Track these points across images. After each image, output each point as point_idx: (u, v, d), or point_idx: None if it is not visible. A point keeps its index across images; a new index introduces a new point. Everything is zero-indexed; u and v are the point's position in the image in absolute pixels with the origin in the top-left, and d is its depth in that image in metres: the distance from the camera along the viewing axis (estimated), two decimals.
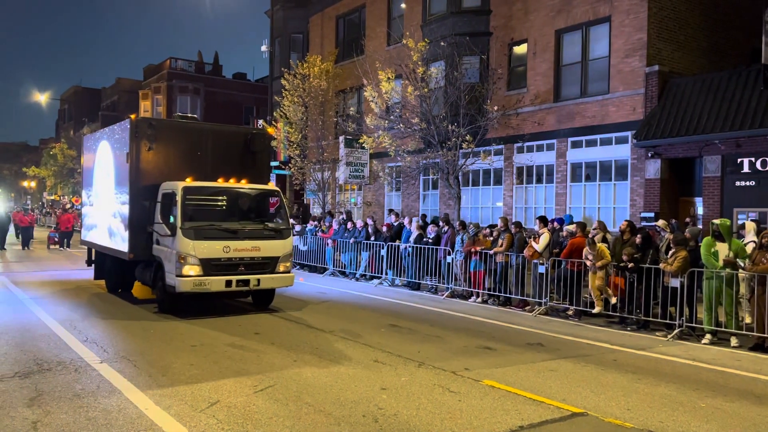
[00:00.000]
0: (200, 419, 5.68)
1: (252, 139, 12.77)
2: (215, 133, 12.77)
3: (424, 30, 21.89)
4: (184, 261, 10.61)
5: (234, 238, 10.96)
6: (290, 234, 12.01)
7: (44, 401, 6.09)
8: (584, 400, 6.55)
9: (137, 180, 11.85)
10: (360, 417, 5.83)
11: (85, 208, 16.02)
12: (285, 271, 11.57)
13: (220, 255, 10.81)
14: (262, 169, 13.24)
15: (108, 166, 13.54)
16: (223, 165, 12.31)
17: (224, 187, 11.67)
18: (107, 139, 13.76)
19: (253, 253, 11.11)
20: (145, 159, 11.88)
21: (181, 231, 10.70)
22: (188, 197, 11.06)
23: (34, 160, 68.63)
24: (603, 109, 17.69)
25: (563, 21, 18.77)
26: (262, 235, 11.37)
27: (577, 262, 11.65)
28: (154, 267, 11.61)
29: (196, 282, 10.59)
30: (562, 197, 18.72)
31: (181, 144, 12.24)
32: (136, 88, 54.12)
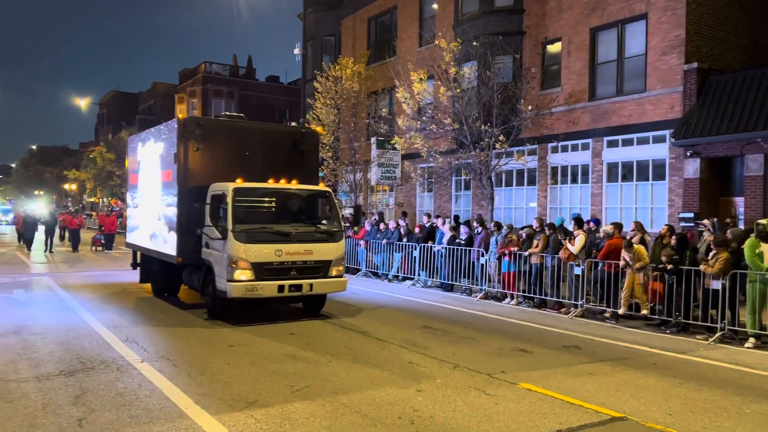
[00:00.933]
0: (239, 418, 5.76)
1: (301, 138, 12.41)
2: (264, 132, 12.38)
3: (457, 30, 21.80)
4: (235, 265, 10.23)
5: (286, 241, 10.56)
6: (343, 236, 11.49)
7: (88, 399, 6.24)
8: (623, 404, 6.45)
9: (185, 181, 11.53)
10: (396, 418, 5.84)
11: (130, 210, 15.73)
12: (338, 275, 11.14)
13: (272, 259, 10.41)
14: (311, 169, 12.78)
15: (154, 168, 13.23)
16: (271, 165, 11.92)
17: (275, 188, 11.25)
18: (153, 139, 13.46)
19: (306, 256, 10.69)
20: (193, 159, 11.54)
21: (233, 234, 10.30)
22: (239, 199, 10.66)
23: (75, 163, 70.41)
24: (640, 107, 17.38)
25: (598, 19, 18.50)
26: (315, 237, 10.98)
27: (615, 264, 11.47)
28: (203, 271, 11.28)
29: (248, 287, 10.21)
30: (598, 197, 18.45)
31: (230, 144, 11.87)
32: (172, 92, 55.14)
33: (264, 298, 10.52)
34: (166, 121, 12.87)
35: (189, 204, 11.38)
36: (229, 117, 12.94)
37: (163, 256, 12.40)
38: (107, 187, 54.29)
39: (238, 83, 49.26)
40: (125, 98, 70.19)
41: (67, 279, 16.79)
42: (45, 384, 6.75)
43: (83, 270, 19.35)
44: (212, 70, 49.94)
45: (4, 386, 6.65)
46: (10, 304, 12.36)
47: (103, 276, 17.62)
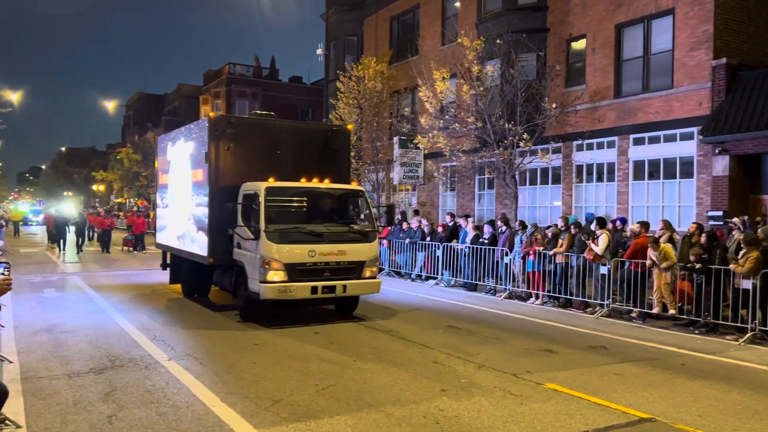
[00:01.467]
0: (264, 417, 5.81)
1: (332, 136, 12.18)
2: (295, 130, 12.17)
3: (479, 28, 21.70)
4: (268, 266, 10.00)
5: (319, 241, 10.35)
6: (376, 236, 11.24)
7: (118, 396, 6.35)
8: (652, 405, 6.36)
9: (216, 181, 11.35)
10: (421, 418, 5.84)
11: (160, 210, 15.58)
12: (371, 276, 10.86)
13: (306, 260, 10.19)
14: (343, 167, 12.49)
15: (184, 167, 13.05)
16: (302, 164, 11.72)
17: (308, 188, 11.06)
18: (183, 138, 13.28)
19: (339, 257, 10.45)
20: (224, 159, 11.36)
21: (265, 234, 10.08)
22: (271, 198, 10.46)
23: (102, 164, 71.58)
24: (667, 104, 17.11)
25: (624, 15, 18.26)
26: (348, 238, 10.73)
27: (641, 263, 11.32)
28: (235, 272, 11.10)
29: (281, 288, 10.00)
30: (624, 196, 18.21)
31: (261, 142, 11.64)
32: (197, 94, 55.77)
33: (297, 300, 10.34)
34: (196, 120, 12.71)
35: (220, 204, 11.20)
36: (260, 115, 12.75)
37: (194, 256, 12.25)
38: (134, 188, 55.07)
39: (262, 84, 49.62)
40: (151, 100, 71.17)
41: (97, 279, 17.01)
42: (76, 381, 6.88)
43: (112, 270, 19.62)
44: (236, 71, 50.38)
45: (36, 383, 6.79)
46: (42, 303, 12.61)
47: (133, 276, 17.84)
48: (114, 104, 47.73)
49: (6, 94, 23.76)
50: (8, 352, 8.03)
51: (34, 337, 9.18)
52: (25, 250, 27.86)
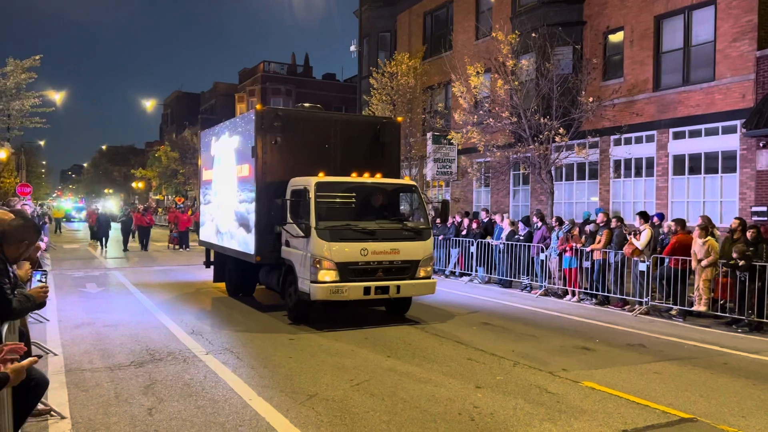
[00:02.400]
0: (300, 411, 5.86)
1: (382, 128, 11.70)
2: (344, 123, 11.69)
3: (514, 22, 21.45)
4: (319, 265, 9.54)
5: (371, 239, 9.84)
6: (431, 234, 10.69)
7: (157, 389, 6.48)
8: (693, 405, 6.22)
9: (263, 176, 10.93)
10: (456, 415, 5.81)
11: (204, 207, 15.12)
12: (425, 276, 10.32)
13: (358, 259, 9.69)
14: (392, 161, 12.02)
15: (229, 162, 12.63)
16: (351, 158, 11.24)
17: (360, 182, 10.53)
18: (228, 133, 12.86)
19: (392, 256, 9.93)
20: (271, 153, 10.94)
21: (316, 231, 9.64)
22: (321, 194, 10.00)
23: (141, 162, 73.11)
24: (708, 97, 16.67)
25: (663, 6, 17.83)
26: (402, 236, 10.21)
27: (682, 260, 11.06)
28: (283, 271, 10.68)
29: (333, 289, 9.50)
30: (663, 191, 17.81)
31: (309, 136, 11.19)
32: (232, 92, 56.52)
33: (348, 301, 9.95)
34: (234, 117, 12.30)
35: (267, 200, 10.77)
36: (307, 108, 12.39)
37: (240, 254, 11.87)
38: (172, 185, 56.10)
39: (296, 81, 50.03)
40: (188, 98, 72.40)
41: (138, 275, 17.16)
42: (117, 374, 7.05)
43: (153, 265, 19.85)
44: (271, 69, 50.90)
45: (80, 375, 6.98)
46: (84, 297, 12.96)
47: (174, 273, 18.08)
48: (153, 103, 48.64)
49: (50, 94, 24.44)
50: (53, 345, 8.27)
51: (76, 331, 9.44)
52: (67, 246, 28.65)
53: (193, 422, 5.52)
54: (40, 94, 20.45)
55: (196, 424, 5.47)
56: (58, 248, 26.33)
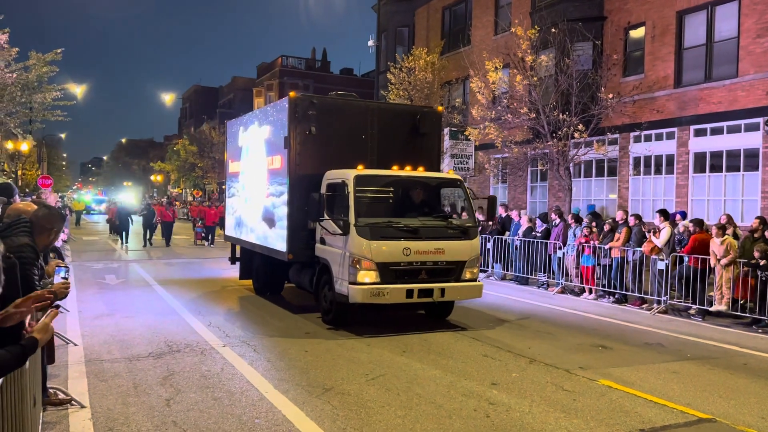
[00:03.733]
0: (316, 404, 5.89)
1: (422, 118, 10.92)
2: (381, 111, 10.94)
3: (534, 17, 21.29)
4: (358, 265, 8.86)
5: (414, 238, 9.12)
6: (477, 233, 9.98)
7: (175, 380, 6.55)
8: (711, 405, 6.15)
9: (296, 168, 10.22)
10: (471, 411, 5.81)
11: (230, 200, 14.38)
12: (471, 278, 9.59)
13: (400, 259, 8.99)
14: (432, 154, 11.26)
15: (259, 154, 11.93)
16: (388, 150, 10.53)
17: (402, 176, 9.91)
18: (258, 122, 12.14)
19: (437, 256, 9.20)
20: (305, 144, 10.21)
21: (356, 229, 8.94)
22: (361, 188, 9.31)
23: (160, 155, 73.73)
24: (731, 93, 16.43)
25: (686, 1, 17.59)
26: (446, 234, 9.48)
27: (701, 259, 10.93)
28: (317, 270, 10.00)
29: (373, 291, 8.80)
30: (683, 189, 17.61)
31: (344, 125, 10.47)
32: (250, 86, 56.80)
33: (389, 304, 9.24)
34: (273, 102, 11.45)
35: (300, 194, 10.10)
36: (341, 96, 11.63)
37: (270, 251, 11.22)
38: (190, 179, 56.55)
39: (314, 76, 50.18)
40: (206, 92, 72.90)
41: (159, 269, 16.91)
42: (135, 365, 7.13)
43: (176, 260, 19.33)
44: (289, 64, 51.09)
45: (99, 365, 7.07)
46: (103, 288, 13.12)
47: (197, 268, 17.58)
48: (171, 97, 49.00)
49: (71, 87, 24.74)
50: (73, 336, 8.38)
51: (96, 322, 9.56)
52: (87, 237, 29.00)
53: (210, 413, 5.58)
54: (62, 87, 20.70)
55: (213, 416, 5.52)
56: (78, 240, 26.65)
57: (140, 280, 14.56)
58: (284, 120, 10.42)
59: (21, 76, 17.52)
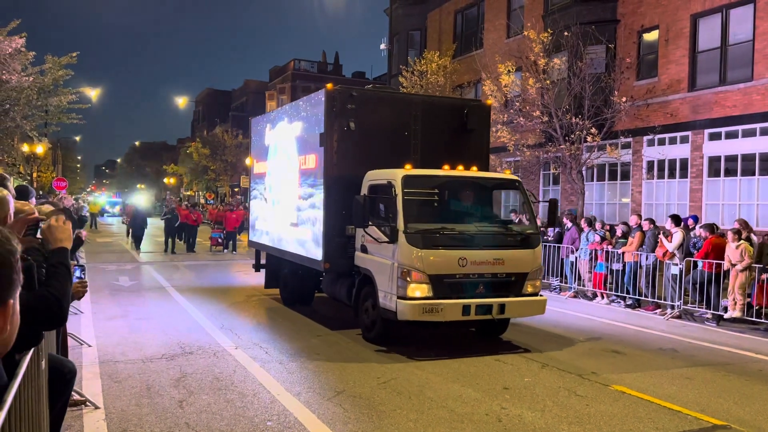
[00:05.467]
0: (328, 407, 5.90)
1: (469, 113, 9.95)
2: (425, 105, 9.93)
3: (546, 20, 21.24)
4: (408, 278, 7.85)
5: (470, 246, 8.14)
6: (540, 241, 8.93)
7: (188, 382, 6.59)
8: (726, 412, 6.09)
9: (333, 168, 9.29)
10: (483, 415, 5.79)
11: (255, 203, 13.37)
12: (533, 292, 8.55)
13: (455, 270, 7.99)
14: (480, 153, 10.20)
15: (289, 152, 10.99)
16: (433, 148, 9.59)
17: (455, 176, 8.94)
18: (288, 119, 11.24)
19: (496, 267, 8.20)
20: (343, 141, 9.29)
21: (406, 236, 7.94)
22: (410, 190, 8.34)
23: (173, 158, 74.22)
24: (746, 97, 16.28)
25: (700, 5, 17.47)
26: (506, 242, 8.50)
27: (716, 264, 10.84)
28: (357, 281, 9.02)
29: (426, 307, 7.79)
30: (697, 193, 17.47)
31: (386, 121, 9.55)
32: (263, 89, 57.04)
33: (443, 322, 8.21)
34: (307, 95, 10.64)
35: (337, 196, 9.20)
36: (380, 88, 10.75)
37: (301, 259, 10.26)
38: (203, 181, 56.84)
39: (326, 79, 50.01)
40: (219, 96, 73.29)
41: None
42: (149, 366, 7.18)
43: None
44: (301, 67, 51.26)
45: (113, 366, 7.13)
46: (116, 290, 13.21)
47: (215, 271, 17.68)
48: (185, 100, 49.30)
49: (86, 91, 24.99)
50: (87, 337, 8.46)
51: (110, 323, 9.64)
52: (101, 240, 29.23)
53: (222, 416, 5.60)
54: (77, 90, 20.90)
55: (225, 418, 5.55)
56: (92, 242, 26.84)
57: (153, 282, 14.63)
58: (320, 115, 9.52)
59: (37, 79, 17.72)
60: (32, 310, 2.50)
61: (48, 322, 2.79)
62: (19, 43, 16.11)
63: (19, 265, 1.59)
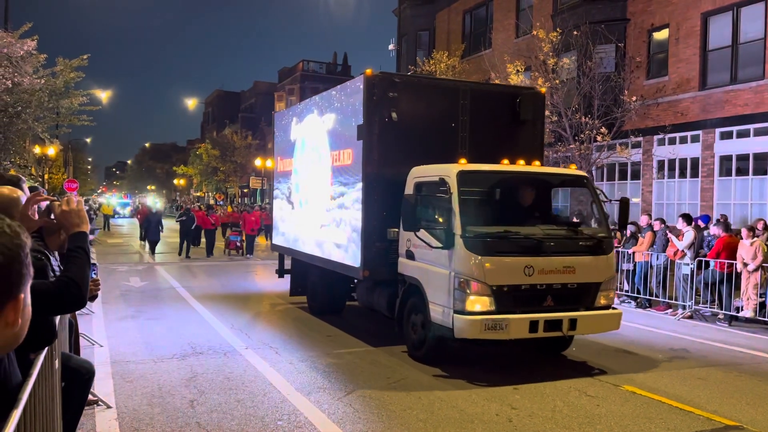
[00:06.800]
0: (338, 407, 5.91)
1: (523, 102, 8.97)
2: (474, 93, 8.90)
3: (556, 20, 21.18)
4: (467, 289, 6.88)
5: (537, 252, 7.14)
6: (613, 246, 7.94)
7: (199, 382, 6.62)
8: (739, 412, 6.05)
9: (373, 165, 8.35)
10: (493, 416, 5.78)
11: (278, 203, 12.43)
12: (606, 305, 7.54)
13: (521, 280, 7.02)
14: (534, 146, 9.21)
15: (320, 148, 10.09)
16: (483, 141, 8.69)
17: (518, 173, 7.93)
18: (318, 111, 10.33)
19: (567, 276, 7.21)
20: (384, 134, 8.34)
21: (464, 241, 6.98)
22: (466, 189, 7.43)
23: (183, 159, 74.54)
24: (757, 96, 16.16)
25: (710, 3, 17.37)
26: (577, 247, 7.49)
27: (728, 263, 10.76)
28: (402, 291, 8.06)
29: (489, 323, 6.80)
30: (708, 193, 17.36)
31: (431, 111, 8.65)
32: (272, 91, 57.19)
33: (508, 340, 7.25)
34: (341, 84, 9.73)
35: (378, 195, 8.33)
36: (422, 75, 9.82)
37: (333, 265, 9.40)
38: (212, 182, 57.09)
39: (335, 80, 50.08)
40: (228, 97, 73.55)
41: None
42: (160, 366, 7.22)
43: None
44: (310, 69, 51.35)
45: (125, 366, 7.18)
46: (128, 291, 13.30)
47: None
48: (194, 102, 49.57)
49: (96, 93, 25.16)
50: (98, 337, 8.52)
51: (121, 323, 9.70)
52: (112, 240, 29.41)
53: (233, 415, 5.63)
54: (88, 92, 21.03)
55: (236, 417, 5.57)
56: (103, 243, 27.01)
57: (164, 282, 14.70)
58: (357, 105, 8.58)
59: (49, 82, 17.85)
60: (52, 295, 2.58)
61: (69, 305, 2.84)
62: (31, 45, 16.23)
63: (29, 259, 1.61)
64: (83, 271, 2.72)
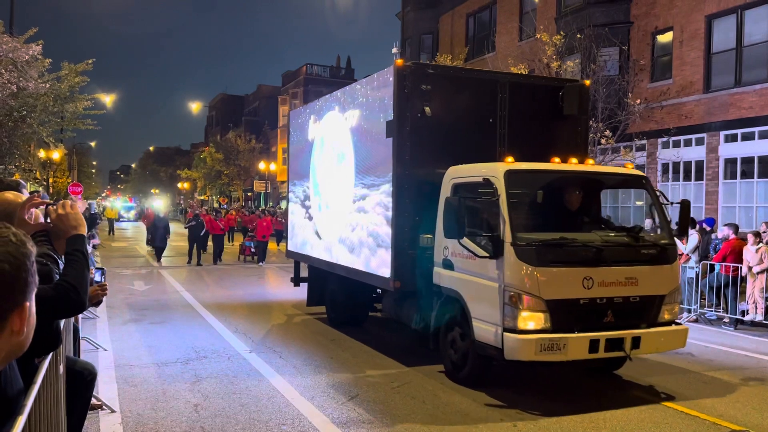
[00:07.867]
0: (342, 411, 5.90)
1: (565, 95, 8.20)
2: (514, 87, 8.16)
3: (559, 23, 21.18)
4: (519, 304, 6.10)
5: (596, 262, 6.36)
6: (677, 254, 7.25)
7: (203, 386, 6.62)
8: (745, 416, 6.02)
9: (405, 164, 7.59)
10: (498, 420, 5.77)
11: (294, 207, 11.77)
12: (671, 320, 6.79)
13: (579, 293, 6.24)
14: (578, 143, 8.46)
15: (342, 147, 9.35)
16: (523, 138, 7.97)
17: (573, 172, 7.21)
18: (339, 106, 9.61)
19: (629, 289, 6.43)
20: (417, 130, 7.61)
21: (515, 249, 6.21)
22: (515, 191, 6.67)
23: (187, 162, 74.65)
24: (762, 98, 16.12)
25: (714, 5, 17.34)
26: (640, 256, 6.68)
27: (733, 267, 10.72)
28: (438, 305, 7.29)
29: (544, 343, 5.99)
30: (713, 196, 17.31)
31: (467, 105, 7.99)
32: (275, 94, 57.27)
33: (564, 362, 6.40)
34: (367, 77, 9.04)
35: (410, 198, 7.62)
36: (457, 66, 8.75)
37: (358, 274, 8.63)
38: (216, 186, 57.16)
39: (338, 84, 50.13)
40: (232, 101, 73.69)
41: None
42: (164, 370, 7.23)
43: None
44: (313, 72, 51.45)
45: (129, 370, 7.18)
46: (131, 295, 13.31)
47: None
48: (198, 105, 49.64)
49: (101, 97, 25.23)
50: (102, 341, 8.53)
51: (124, 327, 9.72)
52: (116, 244, 29.46)
53: (237, 420, 5.62)
54: (92, 97, 21.10)
55: (240, 422, 5.57)
56: (107, 246, 27.06)
57: (168, 287, 14.71)
58: (386, 99, 7.85)
59: (54, 86, 17.92)
60: (51, 300, 2.55)
61: (67, 310, 2.82)
62: (36, 50, 16.29)
63: (34, 268, 1.61)
64: (82, 275, 2.72)
